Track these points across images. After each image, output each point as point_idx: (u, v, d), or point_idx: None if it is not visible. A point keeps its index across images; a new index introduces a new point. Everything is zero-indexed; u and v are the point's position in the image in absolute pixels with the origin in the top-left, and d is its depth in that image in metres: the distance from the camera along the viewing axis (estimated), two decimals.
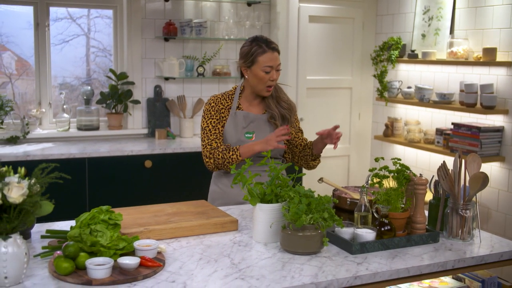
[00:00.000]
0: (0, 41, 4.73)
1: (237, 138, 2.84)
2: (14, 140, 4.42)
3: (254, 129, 2.87)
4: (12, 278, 1.74)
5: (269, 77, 2.80)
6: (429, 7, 4.87)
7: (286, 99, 2.95)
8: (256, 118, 2.89)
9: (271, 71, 2.80)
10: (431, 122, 4.95)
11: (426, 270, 2.05)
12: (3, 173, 1.74)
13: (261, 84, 2.82)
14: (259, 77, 2.80)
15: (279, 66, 2.84)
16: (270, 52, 2.80)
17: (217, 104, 2.90)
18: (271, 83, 2.82)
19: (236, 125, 2.86)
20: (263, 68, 2.79)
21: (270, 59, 2.79)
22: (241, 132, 2.85)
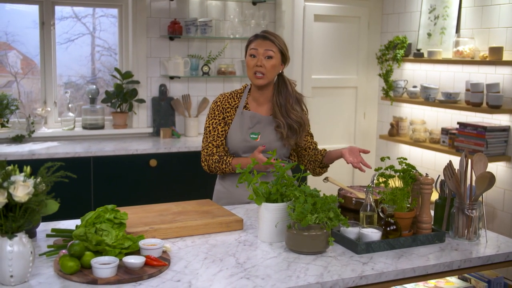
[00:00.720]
0: (6, 40, 4.73)
1: (242, 138, 2.81)
2: (20, 139, 4.43)
3: (260, 130, 2.82)
4: (18, 277, 1.74)
5: (254, 62, 2.73)
6: (435, 6, 4.86)
7: (299, 112, 2.82)
8: (263, 120, 2.83)
9: (258, 56, 2.73)
10: (436, 121, 4.93)
11: (432, 270, 2.05)
12: (9, 172, 1.74)
13: (249, 70, 2.77)
14: (247, 63, 2.77)
15: (269, 53, 2.73)
16: (260, 38, 2.76)
17: (223, 103, 2.86)
18: (257, 68, 2.73)
19: (242, 124, 2.82)
20: (249, 52, 2.76)
21: (256, 44, 2.74)
22: (246, 132, 2.81)
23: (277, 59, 2.76)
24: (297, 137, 2.82)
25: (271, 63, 2.73)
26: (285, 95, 2.81)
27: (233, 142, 2.83)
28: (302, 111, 2.85)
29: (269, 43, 2.74)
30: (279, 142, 2.82)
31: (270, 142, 2.80)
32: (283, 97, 2.81)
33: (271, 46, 2.74)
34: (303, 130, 2.83)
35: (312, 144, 2.96)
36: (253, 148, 2.80)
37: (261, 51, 2.72)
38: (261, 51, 2.72)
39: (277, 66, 2.77)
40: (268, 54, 2.72)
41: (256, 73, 2.74)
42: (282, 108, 2.79)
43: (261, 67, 2.72)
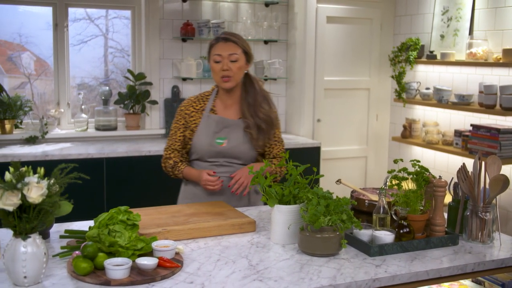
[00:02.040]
0: (20, 41, 4.77)
1: (207, 142, 2.76)
2: (33, 140, 4.46)
3: (227, 135, 2.77)
4: (31, 277, 1.75)
5: (220, 67, 2.70)
6: (448, 7, 4.83)
7: (267, 110, 2.79)
8: (231, 124, 2.78)
9: (222, 61, 2.69)
10: (449, 123, 4.90)
11: (445, 273, 2.03)
12: (22, 173, 1.75)
13: (215, 75, 2.73)
14: (212, 68, 2.74)
15: (233, 57, 2.70)
16: (221, 42, 2.72)
17: (187, 107, 2.83)
18: (224, 73, 2.70)
19: (207, 129, 2.77)
20: (213, 57, 2.72)
21: (219, 49, 2.71)
22: (212, 136, 2.76)
23: (242, 60, 2.74)
24: (265, 137, 2.79)
25: (237, 66, 2.71)
26: (253, 94, 2.78)
27: (198, 147, 2.78)
28: (270, 108, 2.81)
29: (231, 45, 2.71)
30: (247, 145, 2.77)
31: (237, 145, 2.76)
32: (251, 96, 2.78)
33: (234, 49, 2.71)
34: (271, 128, 2.80)
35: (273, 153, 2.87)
36: (218, 153, 2.76)
37: (225, 55, 2.70)
38: (225, 55, 2.70)
39: (243, 67, 2.76)
40: (232, 58, 2.70)
41: (223, 77, 2.71)
42: (250, 107, 2.77)
43: (228, 71, 2.70)
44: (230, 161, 2.77)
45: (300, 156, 4.49)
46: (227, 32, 2.78)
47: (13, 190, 1.69)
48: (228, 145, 2.75)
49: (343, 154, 5.50)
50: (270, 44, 5.27)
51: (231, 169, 2.77)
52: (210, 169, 2.76)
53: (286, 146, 4.65)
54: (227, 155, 2.76)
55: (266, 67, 5.19)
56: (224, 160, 2.77)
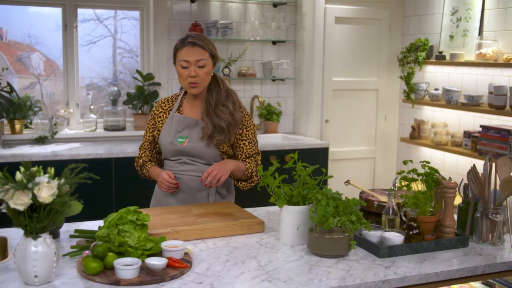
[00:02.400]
0: (29, 42, 4.79)
1: (169, 141, 2.73)
2: (43, 140, 4.48)
3: (188, 134, 2.72)
4: (42, 277, 1.76)
5: (187, 73, 2.62)
6: (458, 8, 4.81)
7: (229, 109, 2.70)
8: (192, 123, 2.73)
9: (190, 67, 2.62)
10: (458, 124, 4.88)
11: (455, 275, 2.02)
12: (33, 173, 1.76)
13: (182, 80, 2.67)
14: (178, 73, 2.67)
15: (201, 63, 2.62)
16: (188, 46, 2.62)
17: (157, 108, 2.83)
18: (191, 79, 2.63)
19: (170, 128, 2.75)
20: (179, 63, 2.64)
21: (186, 54, 2.62)
22: (174, 135, 2.73)
23: (210, 65, 2.66)
24: (225, 136, 2.68)
25: (204, 71, 2.64)
26: (216, 93, 2.72)
27: (162, 146, 2.77)
28: (235, 108, 2.72)
29: (198, 50, 2.62)
30: (205, 142, 2.70)
31: (197, 145, 2.70)
32: (213, 96, 2.72)
33: (201, 54, 2.62)
34: (233, 128, 2.70)
35: (245, 153, 2.76)
36: (179, 152, 2.72)
37: (193, 61, 2.61)
38: (193, 61, 2.61)
39: (210, 71, 2.68)
40: (200, 64, 2.62)
41: (191, 83, 2.65)
42: (210, 106, 2.70)
43: (195, 77, 2.63)
44: (192, 159, 2.72)
45: (308, 157, 4.49)
46: (193, 35, 2.66)
47: (24, 190, 1.69)
48: (189, 144, 2.71)
49: (351, 155, 5.49)
50: (278, 45, 5.27)
51: (194, 167, 2.72)
52: (175, 167, 2.74)
53: (295, 146, 4.70)
54: (188, 154, 2.72)
55: (274, 67, 5.19)
56: (187, 158, 2.73)
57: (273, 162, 2.33)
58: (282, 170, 2.33)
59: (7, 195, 1.69)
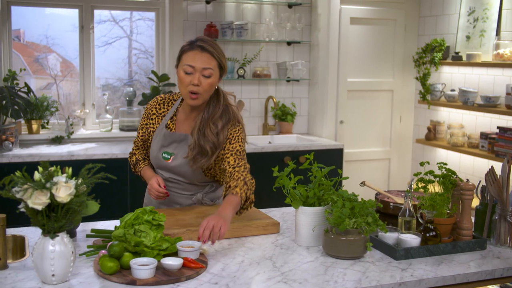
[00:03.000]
0: (46, 43, 4.83)
1: (155, 154, 2.55)
2: (59, 140, 4.51)
3: (174, 150, 2.51)
4: (59, 276, 1.77)
5: (190, 80, 2.35)
6: (474, 8, 4.77)
7: (217, 129, 2.42)
8: (180, 139, 2.50)
9: (194, 74, 2.35)
10: (475, 125, 4.84)
11: (473, 278, 2.01)
12: (51, 172, 1.77)
13: (182, 87, 2.38)
14: (179, 77, 2.39)
15: (207, 72, 2.35)
16: (197, 50, 2.36)
17: (151, 108, 2.58)
18: (193, 88, 2.35)
19: (158, 140, 2.54)
20: (183, 67, 2.36)
21: (193, 58, 2.35)
22: (159, 150, 2.53)
23: (216, 76, 2.40)
24: (208, 160, 2.43)
25: (209, 82, 2.37)
26: (212, 108, 2.45)
27: (150, 155, 2.60)
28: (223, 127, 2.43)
29: (207, 57, 2.36)
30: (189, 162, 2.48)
31: (182, 165, 2.50)
32: (209, 111, 2.45)
33: (209, 62, 2.36)
34: (215, 150, 2.43)
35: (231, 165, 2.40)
36: (164, 167, 2.55)
37: (199, 68, 2.35)
38: (199, 68, 2.35)
39: (215, 83, 2.42)
40: (206, 73, 2.36)
41: (192, 93, 2.37)
42: (202, 122, 2.43)
43: (198, 87, 2.36)
44: (176, 178, 2.55)
45: (322, 158, 4.48)
46: (204, 39, 2.40)
47: (42, 190, 1.71)
48: (173, 163, 2.51)
49: (366, 156, 5.47)
50: (293, 46, 5.26)
51: (179, 186, 2.58)
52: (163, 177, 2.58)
53: (309, 147, 4.70)
54: (172, 171, 2.54)
55: (289, 68, 5.18)
56: (170, 176, 2.56)
57: (289, 163, 2.32)
58: (298, 171, 2.32)
59: (25, 195, 1.71)
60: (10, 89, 4.26)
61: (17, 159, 3.93)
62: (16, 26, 4.63)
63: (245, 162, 2.43)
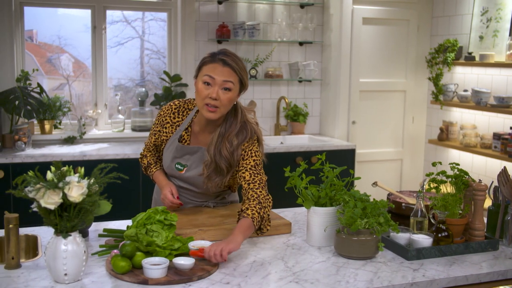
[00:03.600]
0: (59, 43, 4.87)
1: (167, 164, 2.51)
2: (71, 140, 4.54)
3: (188, 163, 2.47)
4: (72, 275, 1.79)
5: (208, 92, 2.26)
6: (488, 8, 4.74)
7: (233, 147, 2.35)
8: (194, 151, 2.45)
9: (213, 86, 2.26)
10: (488, 126, 4.81)
11: (485, 278, 1.99)
12: (64, 172, 1.78)
13: (199, 99, 2.30)
14: (197, 89, 2.30)
15: (228, 85, 2.27)
16: (219, 63, 2.27)
17: (165, 116, 2.49)
18: (211, 101, 2.26)
19: (170, 151, 2.49)
20: (203, 77, 2.28)
21: (213, 69, 2.27)
22: (172, 161, 2.49)
23: (235, 91, 2.32)
24: (222, 180, 2.40)
25: (228, 96, 2.29)
26: (229, 124, 2.38)
27: (163, 162, 2.56)
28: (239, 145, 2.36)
29: (228, 71, 2.27)
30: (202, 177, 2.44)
31: (196, 177, 2.47)
32: (226, 127, 2.38)
33: (230, 76, 2.28)
34: (230, 169, 2.39)
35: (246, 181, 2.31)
36: (177, 177, 2.53)
37: (219, 81, 2.26)
38: (219, 80, 2.26)
39: (234, 99, 2.34)
40: (226, 86, 2.27)
41: (209, 105, 2.29)
42: (219, 138, 2.37)
43: (216, 101, 2.27)
44: (189, 188, 2.54)
45: (334, 158, 4.47)
46: (226, 53, 2.32)
47: (54, 189, 1.72)
48: (187, 174, 2.48)
49: (378, 157, 5.45)
50: (305, 46, 5.26)
51: (192, 193, 2.57)
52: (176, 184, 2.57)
53: (321, 148, 4.69)
54: (185, 181, 2.53)
55: (301, 68, 5.18)
56: (182, 184, 2.55)
57: (301, 163, 2.32)
58: (309, 171, 2.32)
59: (38, 194, 1.72)
60: (23, 90, 4.30)
61: (30, 159, 3.96)
62: (29, 27, 4.67)
63: (261, 177, 2.33)
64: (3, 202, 3.84)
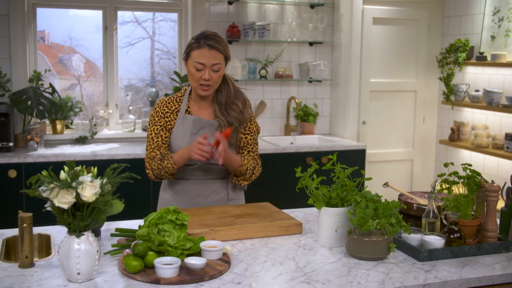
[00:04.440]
0: (70, 44, 4.89)
1: (185, 144, 2.61)
2: (83, 140, 4.56)
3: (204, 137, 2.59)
4: (84, 274, 1.80)
5: (201, 75, 2.54)
6: (499, 7, 4.71)
7: (239, 106, 2.65)
8: (207, 124, 2.65)
9: (204, 70, 2.53)
10: (500, 126, 4.78)
11: (498, 280, 1.98)
12: (77, 172, 1.79)
13: (193, 80, 2.58)
14: (190, 72, 2.57)
15: (216, 67, 2.54)
16: (205, 48, 2.53)
17: (162, 107, 2.68)
18: (204, 82, 2.55)
19: (184, 130, 2.64)
20: (194, 64, 2.54)
21: (202, 56, 2.53)
22: (190, 138, 2.62)
23: (223, 67, 2.60)
24: (237, 134, 2.66)
25: (218, 74, 2.57)
26: (225, 92, 2.66)
27: (176, 149, 2.64)
28: (244, 106, 2.67)
29: (215, 54, 2.54)
30: None
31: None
32: (223, 95, 2.66)
33: (217, 58, 2.55)
34: (242, 124, 2.67)
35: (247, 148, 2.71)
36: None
37: (208, 65, 2.53)
38: (208, 64, 2.53)
39: (223, 73, 2.63)
40: (215, 68, 2.55)
41: (203, 85, 2.57)
42: (222, 106, 2.65)
43: (209, 80, 2.56)
44: (209, 162, 2.61)
45: (345, 159, 4.46)
46: (210, 36, 2.57)
47: (68, 189, 1.73)
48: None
49: (389, 157, 5.43)
50: (315, 46, 5.25)
51: (211, 171, 2.67)
52: (190, 174, 2.66)
53: (332, 148, 4.68)
54: None
55: (311, 68, 5.17)
56: (203, 162, 2.61)
57: (312, 164, 2.32)
58: (320, 172, 2.32)
59: (52, 194, 1.73)
60: (35, 90, 4.33)
61: (42, 159, 3.98)
62: (41, 28, 4.70)
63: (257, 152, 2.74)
64: (16, 201, 3.86)
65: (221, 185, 2.73)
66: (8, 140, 4.14)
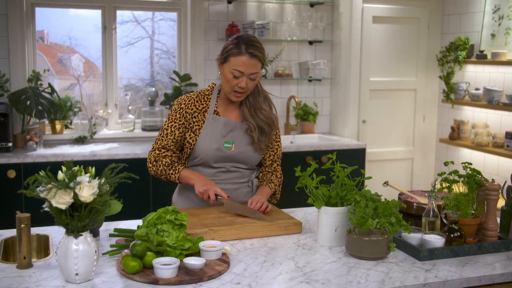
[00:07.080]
0: (69, 44, 4.88)
1: (215, 146, 2.55)
2: (82, 140, 4.56)
3: (234, 139, 2.58)
4: (83, 275, 1.79)
5: (237, 82, 2.46)
6: (500, 5, 4.70)
7: (267, 111, 2.60)
8: (236, 127, 2.59)
9: (241, 77, 2.45)
10: (500, 125, 4.77)
11: (499, 279, 1.97)
12: (75, 172, 1.78)
13: (227, 86, 2.50)
14: (226, 78, 2.48)
15: (254, 76, 2.46)
16: (246, 56, 2.43)
17: (188, 106, 2.59)
18: (239, 89, 2.47)
19: (215, 132, 2.56)
20: (232, 70, 2.45)
21: (242, 64, 2.43)
22: (220, 140, 2.56)
23: (259, 75, 2.53)
24: (267, 139, 2.61)
25: (254, 83, 2.51)
26: (254, 95, 2.59)
27: (204, 151, 2.56)
28: (270, 110, 2.64)
29: (255, 63, 2.45)
30: (251, 146, 2.59)
31: (245, 150, 2.58)
32: (252, 98, 2.59)
33: (257, 67, 2.46)
34: (272, 130, 2.62)
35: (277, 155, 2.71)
36: (226, 158, 2.57)
37: (247, 74, 2.45)
38: (247, 73, 2.45)
39: (258, 80, 2.56)
40: (252, 77, 2.47)
41: (237, 92, 2.50)
42: (251, 109, 2.58)
43: (244, 88, 2.48)
44: (237, 166, 2.60)
45: (345, 158, 4.45)
46: (251, 43, 2.46)
47: (65, 189, 1.72)
48: (236, 150, 2.57)
49: (389, 156, 5.43)
50: (315, 45, 5.24)
51: (238, 174, 2.62)
52: (217, 176, 2.60)
53: (332, 147, 4.67)
54: (234, 160, 2.59)
55: (310, 67, 5.16)
56: (231, 166, 2.60)
57: (311, 163, 2.31)
58: (320, 171, 2.31)
59: (49, 194, 1.72)
60: (34, 90, 4.32)
61: (41, 159, 3.97)
62: (40, 27, 4.69)
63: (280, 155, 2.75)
64: (15, 201, 3.85)
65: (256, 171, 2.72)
66: (7, 140, 4.13)
